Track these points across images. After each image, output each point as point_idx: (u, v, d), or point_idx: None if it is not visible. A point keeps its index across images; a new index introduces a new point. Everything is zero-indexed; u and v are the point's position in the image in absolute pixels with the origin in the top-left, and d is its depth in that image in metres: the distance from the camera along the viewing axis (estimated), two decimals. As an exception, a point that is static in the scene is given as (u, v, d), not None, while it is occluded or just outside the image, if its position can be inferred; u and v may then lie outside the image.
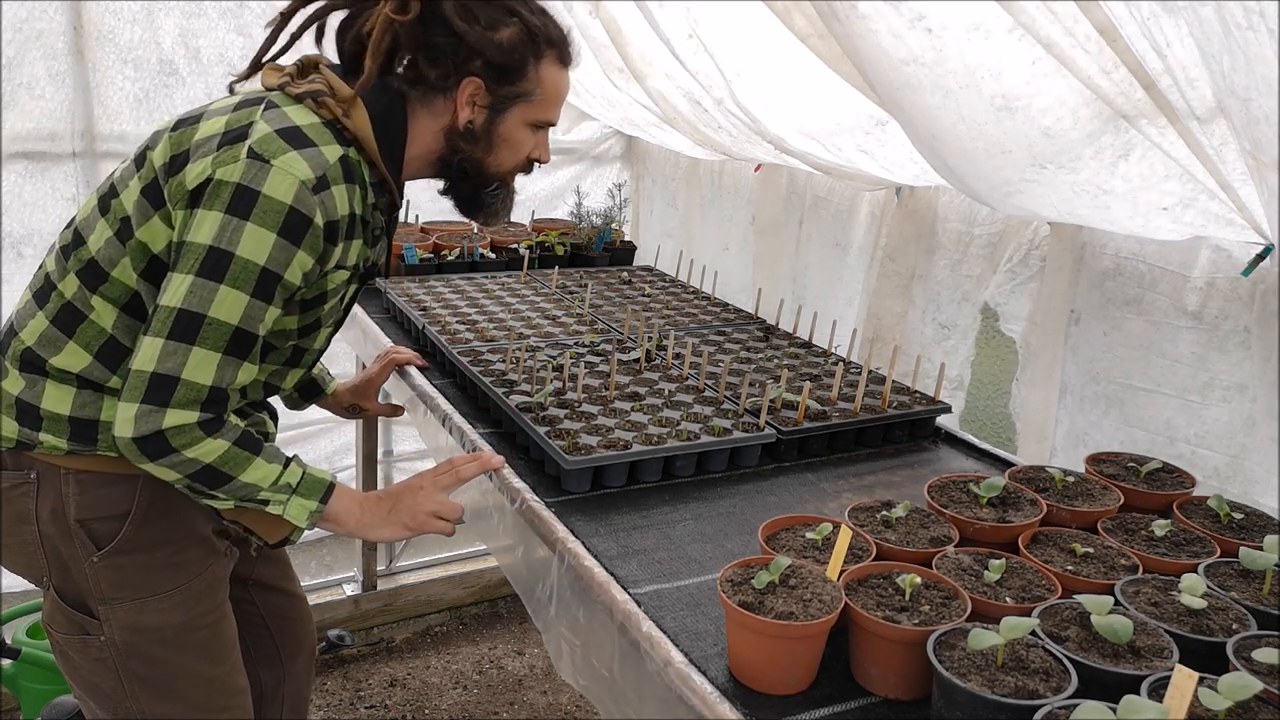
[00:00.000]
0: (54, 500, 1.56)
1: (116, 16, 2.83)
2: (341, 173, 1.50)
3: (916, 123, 1.97)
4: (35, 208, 2.86)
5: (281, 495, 1.54)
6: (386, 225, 1.73)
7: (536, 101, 1.64)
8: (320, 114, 1.52)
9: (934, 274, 2.56)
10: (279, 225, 1.41)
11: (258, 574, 1.94)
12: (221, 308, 1.41)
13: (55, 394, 1.54)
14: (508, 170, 1.71)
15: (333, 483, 1.61)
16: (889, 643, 1.25)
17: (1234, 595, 1.35)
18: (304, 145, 1.46)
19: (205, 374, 1.42)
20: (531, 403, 1.97)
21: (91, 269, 1.53)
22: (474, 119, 1.62)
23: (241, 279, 1.41)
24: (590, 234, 3.43)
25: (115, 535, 1.58)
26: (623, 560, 1.57)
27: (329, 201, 1.47)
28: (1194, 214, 1.84)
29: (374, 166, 1.59)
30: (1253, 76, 1.33)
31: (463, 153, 1.65)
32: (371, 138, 1.55)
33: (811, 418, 2.02)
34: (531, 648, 3.59)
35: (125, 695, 1.64)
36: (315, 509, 1.57)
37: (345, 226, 1.53)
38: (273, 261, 1.43)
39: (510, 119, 1.64)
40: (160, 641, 1.63)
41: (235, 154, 1.43)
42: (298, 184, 1.42)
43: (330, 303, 1.64)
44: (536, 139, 1.70)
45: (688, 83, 2.73)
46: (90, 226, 1.56)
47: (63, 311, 1.54)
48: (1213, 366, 1.91)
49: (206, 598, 1.68)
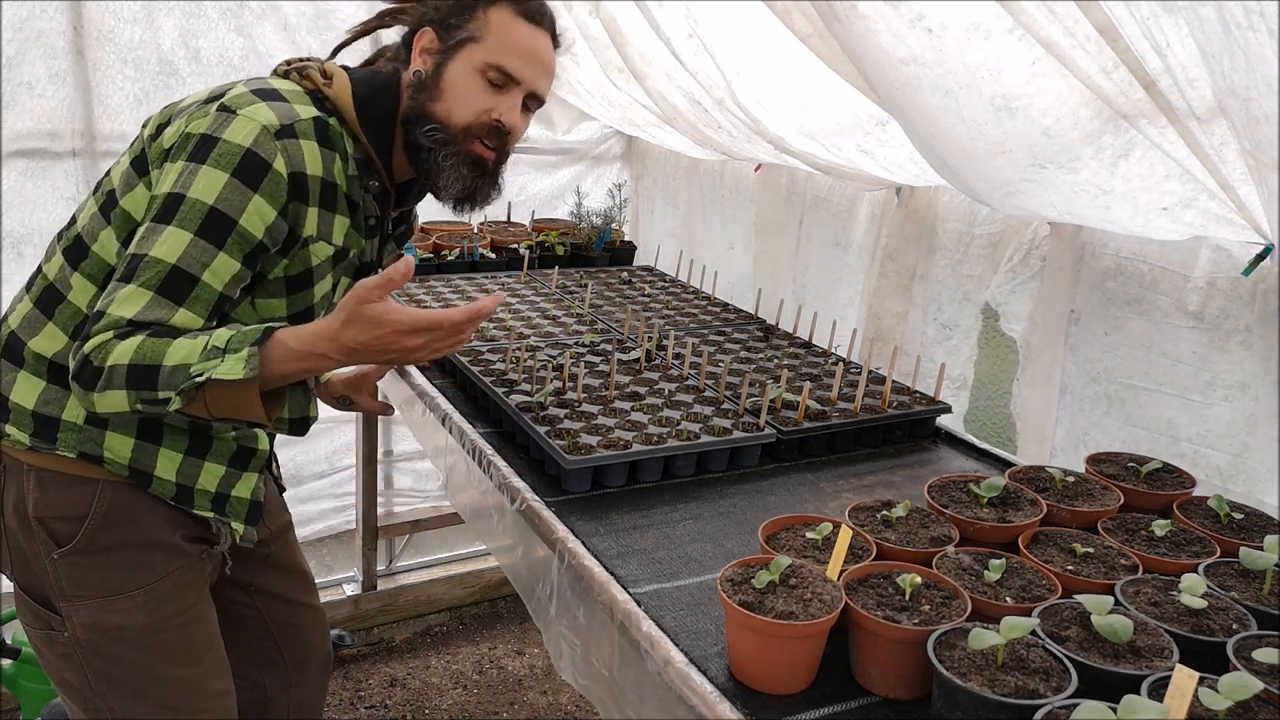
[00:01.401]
0: (16, 494, 1.55)
1: (116, 16, 2.83)
2: (314, 130, 1.47)
3: (916, 123, 1.97)
4: (35, 207, 2.86)
5: (212, 360, 1.32)
6: (383, 218, 1.68)
7: (482, 43, 1.55)
8: (302, 84, 1.54)
9: (935, 274, 2.56)
10: (233, 166, 1.40)
11: (261, 581, 1.89)
12: (161, 247, 1.37)
13: (24, 386, 1.52)
14: (458, 121, 1.56)
15: (270, 326, 1.37)
16: (889, 642, 1.25)
17: (1234, 595, 1.35)
18: (276, 100, 1.47)
19: (129, 308, 1.35)
20: (531, 402, 1.97)
21: (76, 245, 1.53)
22: (424, 68, 1.57)
23: (187, 219, 1.38)
24: (590, 234, 3.43)
25: (74, 536, 1.54)
26: (623, 560, 1.57)
27: (294, 150, 1.44)
28: (1194, 214, 1.84)
29: (357, 141, 1.56)
30: (1253, 76, 1.33)
31: (414, 101, 1.57)
32: (350, 106, 1.54)
33: (811, 418, 2.02)
34: (531, 648, 3.59)
35: (93, 693, 1.61)
36: (249, 354, 1.32)
37: (319, 190, 1.49)
38: (223, 202, 1.39)
39: (456, 63, 1.56)
40: (123, 642, 1.58)
41: (206, 110, 1.45)
42: (259, 128, 1.42)
43: (320, 286, 1.60)
44: (498, 98, 1.57)
45: (688, 83, 2.73)
46: (83, 207, 1.57)
47: (45, 293, 1.54)
48: (1214, 366, 1.91)
49: (173, 600, 1.62)
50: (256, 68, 3.04)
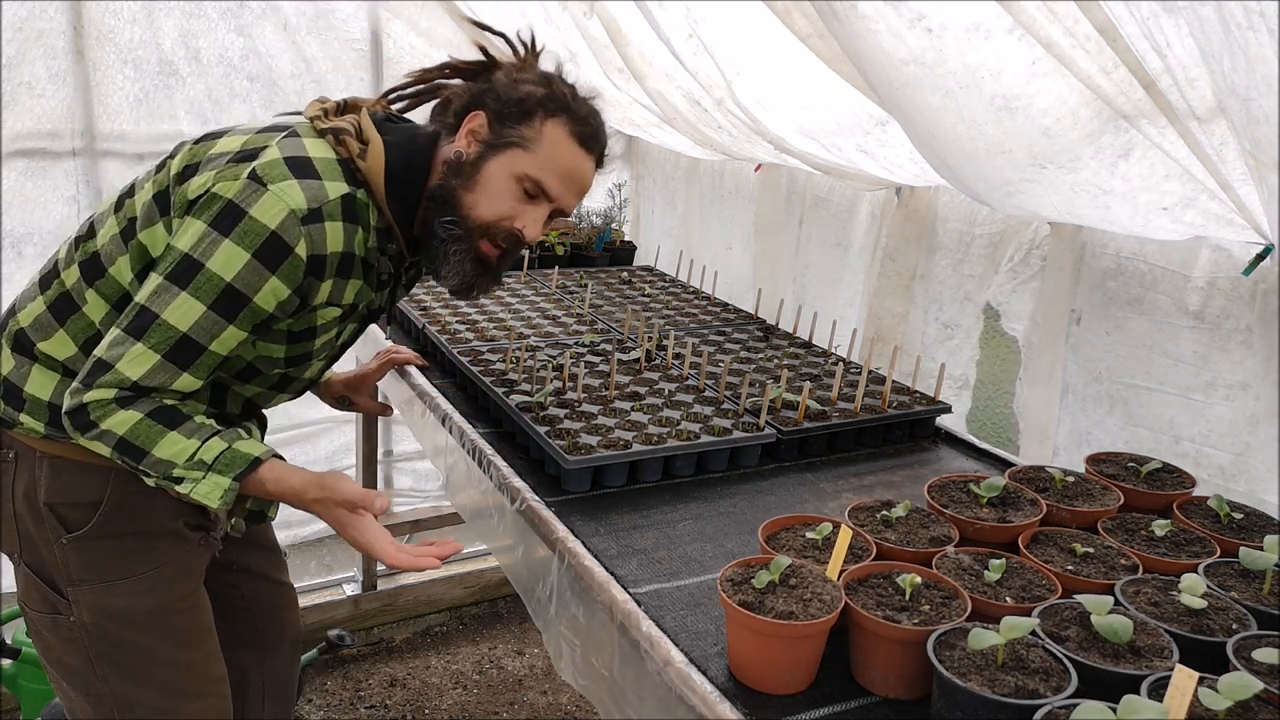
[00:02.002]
0: (28, 481, 1.59)
1: (116, 16, 2.84)
2: (341, 210, 1.48)
3: (916, 123, 1.97)
4: (36, 206, 2.86)
5: (196, 473, 1.42)
6: (396, 273, 1.69)
7: (530, 153, 1.56)
8: (338, 151, 1.52)
9: (935, 274, 2.56)
10: (255, 247, 1.42)
11: (243, 559, 1.94)
12: (175, 313, 1.42)
13: (39, 379, 1.57)
14: (480, 218, 1.57)
15: (259, 458, 1.46)
16: (889, 642, 1.25)
17: (1234, 595, 1.35)
18: (307, 176, 1.46)
19: (135, 369, 1.42)
20: (531, 402, 1.97)
21: (93, 262, 1.56)
22: (466, 151, 1.57)
23: (203, 290, 1.42)
24: (590, 234, 3.43)
25: (86, 523, 1.59)
26: (623, 560, 1.57)
27: (317, 235, 1.45)
28: (1194, 214, 1.84)
29: (381, 212, 1.56)
30: (1253, 76, 1.33)
31: (445, 181, 1.58)
32: (381, 181, 1.53)
33: (811, 418, 2.02)
34: (531, 648, 3.59)
35: (96, 676, 1.64)
36: (229, 487, 1.43)
37: (336, 264, 1.51)
38: (240, 281, 1.42)
39: (498, 161, 1.56)
40: (129, 625, 1.63)
41: (237, 172, 1.45)
42: (287, 211, 1.42)
43: (322, 338, 1.64)
44: (526, 207, 1.58)
45: (688, 83, 2.73)
46: (103, 221, 1.59)
47: (60, 300, 1.57)
48: (1215, 365, 1.91)
49: (179, 584, 1.68)
50: (256, 68, 3.04)
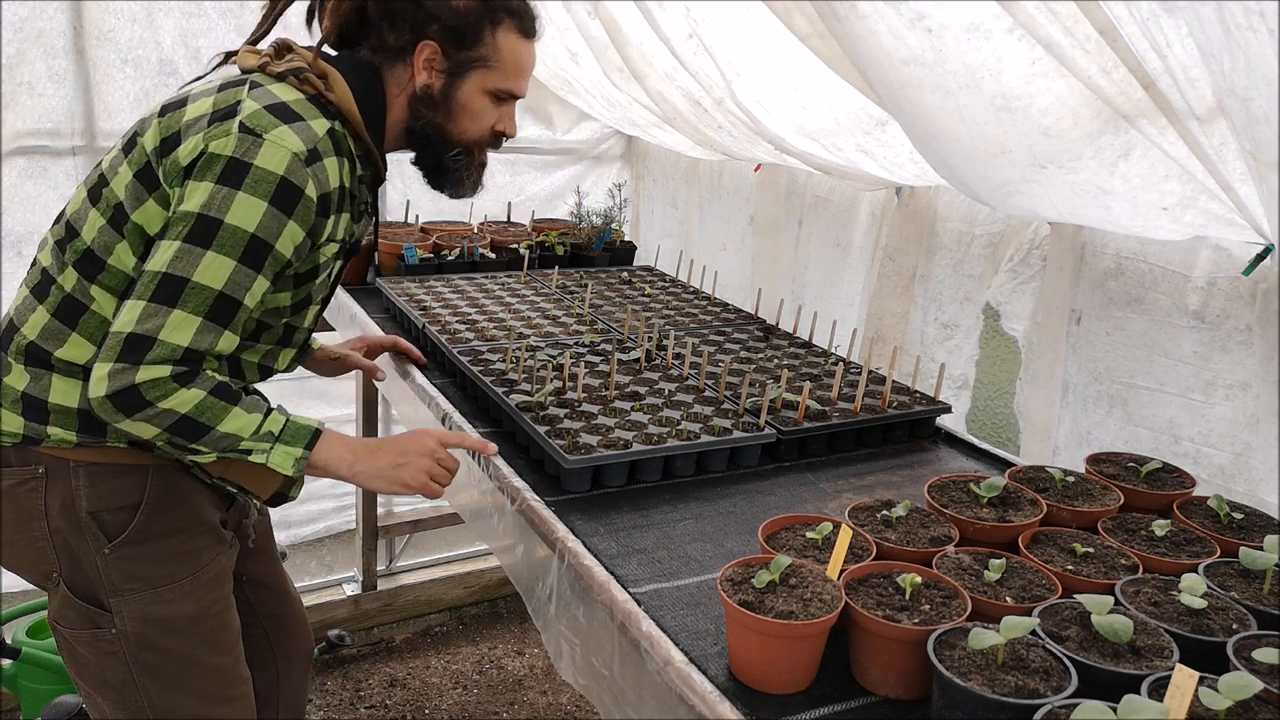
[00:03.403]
0: (64, 494, 1.57)
1: (116, 16, 2.84)
2: (331, 145, 1.53)
3: (916, 123, 1.97)
4: (36, 205, 2.86)
5: (264, 444, 1.50)
6: (374, 199, 1.76)
7: (494, 69, 1.66)
8: (303, 90, 1.56)
9: (935, 274, 2.56)
10: (270, 194, 1.44)
11: (251, 571, 1.95)
12: (206, 272, 1.42)
13: (63, 387, 1.55)
14: (472, 139, 1.71)
15: (319, 429, 1.56)
16: (889, 642, 1.25)
17: (1234, 595, 1.35)
18: (293, 119, 1.49)
19: (183, 335, 1.42)
20: (531, 402, 1.97)
21: (88, 259, 1.54)
22: (431, 84, 1.65)
23: (229, 245, 1.43)
24: (590, 234, 3.43)
25: (127, 526, 1.59)
26: (623, 559, 1.57)
27: (321, 174, 1.50)
28: (1194, 214, 1.84)
29: (359, 139, 1.62)
30: (1253, 76, 1.33)
31: (425, 118, 1.67)
32: (355, 110, 1.59)
33: (811, 418, 2.02)
34: (531, 648, 3.59)
35: (135, 688, 1.64)
36: (301, 456, 1.53)
37: (336, 200, 1.56)
38: (263, 229, 1.45)
39: (468, 85, 1.66)
40: (171, 632, 1.64)
41: (227, 129, 1.46)
42: (290, 156, 1.46)
43: (321, 277, 1.67)
44: (501, 111, 1.72)
45: (688, 83, 2.73)
46: (82, 218, 1.56)
47: (64, 304, 1.55)
48: (1215, 365, 1.91)
49: (215, 588, 1.70)
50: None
